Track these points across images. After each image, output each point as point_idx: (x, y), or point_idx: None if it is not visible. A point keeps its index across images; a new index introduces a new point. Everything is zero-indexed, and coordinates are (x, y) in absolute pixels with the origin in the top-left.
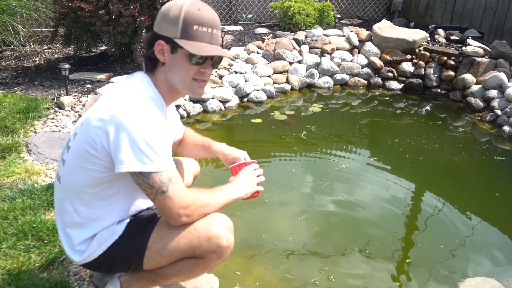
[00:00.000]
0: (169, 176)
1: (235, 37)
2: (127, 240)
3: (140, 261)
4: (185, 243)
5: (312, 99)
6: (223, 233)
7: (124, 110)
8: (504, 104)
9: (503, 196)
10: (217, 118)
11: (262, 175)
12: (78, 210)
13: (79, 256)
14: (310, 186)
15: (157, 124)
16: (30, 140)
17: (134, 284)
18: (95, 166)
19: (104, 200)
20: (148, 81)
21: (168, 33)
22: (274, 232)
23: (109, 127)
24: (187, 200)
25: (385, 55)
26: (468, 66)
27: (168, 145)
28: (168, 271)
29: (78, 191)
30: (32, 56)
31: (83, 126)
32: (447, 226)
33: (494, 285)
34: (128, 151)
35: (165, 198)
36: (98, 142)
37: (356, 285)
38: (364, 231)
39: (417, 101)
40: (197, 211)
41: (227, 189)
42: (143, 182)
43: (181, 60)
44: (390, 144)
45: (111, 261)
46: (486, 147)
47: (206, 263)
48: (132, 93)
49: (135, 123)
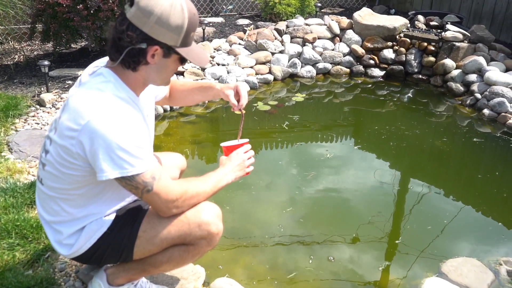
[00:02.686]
0: (152, 175)
1: (217, 29)
2: (116, 231)
3: (131, 250)
4: (176, 230)
5: (295, 88)
6: (213, 220)
7: (95, 116)
8: (483, 88)
9: (486, 177)
10: (200, 111)
11: (252, 157)
12: (66, 210)
13: (67, 250)
14: (296, 176)
15: (131, 125)
16: (11, 139)
17: (122, 275)
18: (76, 172)
19: (91, 198)
20: (115, 78)
21: (167, 41)
22: (261, 222)
23: (82, 138)
24: (175, 194)
25: (367, 43)
26: (448, 51)
27: (145, 144)
28: (158, 258)
29: (63, 194)
30: (10, 53)
31: (57, 133)
32: (431, 209)
33: (475, 264)
34: (106, 160)
35: (152, 196)
36: (74, 151)
37: (345, 268)
38: (352, 218)
39: (399, 88)
40: (187, 202)
41: (216, 176)
42: (126, 185)
43: (172, 63)
44: (373, 131)
45: (101, 253)
46: (467, 131)
47: (196, 250)
48: (99, 97)
49: (108, 129)
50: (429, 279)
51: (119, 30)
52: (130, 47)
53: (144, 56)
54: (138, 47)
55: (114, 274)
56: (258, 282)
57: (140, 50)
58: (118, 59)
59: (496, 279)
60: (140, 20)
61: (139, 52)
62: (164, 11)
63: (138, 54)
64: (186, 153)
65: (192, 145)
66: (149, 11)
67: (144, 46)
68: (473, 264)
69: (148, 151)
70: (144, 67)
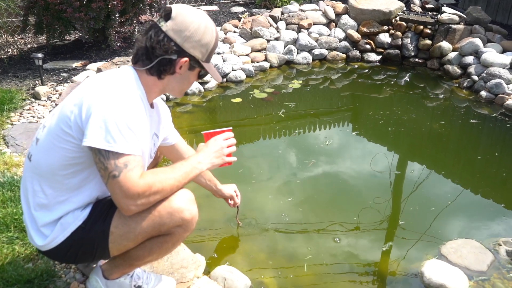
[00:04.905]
0: (125, 162)
1: (211, 17)
2: (90, 225)
3: (106, 247)
4: (148, 224)
5: (292, 75)
6: (185, 206)
7: (104, 90)
8: (480, 70)
9: (485, 158)
10: (197, 100)
11: (234, 146)
12: (45, 191)
13: (42, 239)
14: (297, 164)
15: (133, 109)
16: (7, 133)
17: (115, 271)
18: (68, 145)
19: (73, 184)
20: (135, 74)
21: (197, 54)
22: (262, 210)
23: (84, 105)
24: (137, 190)
25: (362, 28)
26: (444, 33)
27: (139, 132)
28: (140, 253)
29: (49, 171)
30: (4, 47)
31: (62, 106)
32: (431, 192)
33: (474, 245)
34: (96, 127)
35: (114, 184)
36: (72, 119)
37: (345, 252)
38: (353, 203)
39: (396, 72)
40: (151, 198)
41: (188, 165)
42: (99, 162)
43: (193, 77)
44: (371, 116)
45: (75, 249)
46: (464, 113)
47: (174, 239)
48: (116, 79)
49: (110, 103)
50: (429, 261)
51: (155, 40)
52: (163, 56)
53: (173, 66)
54: (169, 57)
55: (108, 271)
56: (259, 270)
57: (170, 60)
58: (147, 65)
59: (495, 259)
60: (176, 33)
61: (169, 62)
62: (199, 28)
63: (169, 63)
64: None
65: (189, 135)
66: (185, 26)
67: (174, 57)
68: (472, 245)
69: (138, 141)
70: (169, 76)
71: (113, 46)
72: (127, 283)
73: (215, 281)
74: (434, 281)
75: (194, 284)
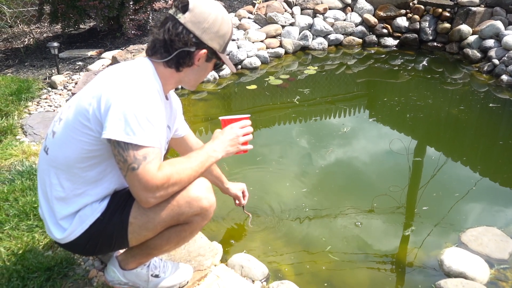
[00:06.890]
0: (144, 154)
1: (225, 4)
2: (108, 217)
3: (125, 238)
4: (167, 214)
5: (307, 61)
6: (203, 194)
7: (122, 83)
8: (502, 53)
9: (507, 144)
10: (212, 87)
11: (250, 134)
12: (62, 184)
13: (61, 232)
14: (313, 152)
15: (152, 102)
16: (25, 122)
17: (131, 260)
18: (86, 138)
19: (90, 177)
20: (151, 66)
21: (215, 46)
22: (279, 198)
23: (103, 97)
24: (156, 183)
25: (379, 11)
26: (464, 16)
27: (157, 125)
28: (158, 242)
29: (66, 164)
30: (20, 37)
31: (80, 98)
32: (450, 178)
33: (495, 233)
34: (115, 119)
35: (134, 176)
36: (90, 112)
37: (362, 240)
38: (371, 191)
39: (414, 57)
40: (170, 190)
41: (205, 153)
42: (118, 154)
43: (210, 68)
44: (389, 102)
45: (94, 241)
46: (484, 97)
47: (192, 227)
48: (134, 71)
49: (129, 96)
50: (449, 249)
51: (173, 33)
52: (182, 49)
53: (192, 58)
54: (187, 49)
55: (124, 261)
56: (276, 257)
57: (188, 52)
58: (166, 58)
59: None
60: (195, 25)
61: (187, 54)
62: (216, 19)
63: (187, 56)
64: (200, 131)
65: (204, 122)
66: (204, 18)
67: (193, 50)
68: (493, 233)
69: (157, 132)
70: (187, 69)
71: (127, 34)
72: (144, 273)
73: (232, 269)
74: (454, 269)
75: (212, 271)
